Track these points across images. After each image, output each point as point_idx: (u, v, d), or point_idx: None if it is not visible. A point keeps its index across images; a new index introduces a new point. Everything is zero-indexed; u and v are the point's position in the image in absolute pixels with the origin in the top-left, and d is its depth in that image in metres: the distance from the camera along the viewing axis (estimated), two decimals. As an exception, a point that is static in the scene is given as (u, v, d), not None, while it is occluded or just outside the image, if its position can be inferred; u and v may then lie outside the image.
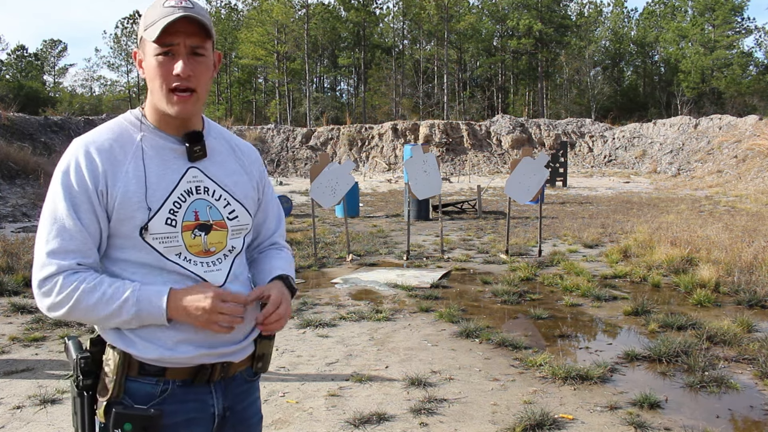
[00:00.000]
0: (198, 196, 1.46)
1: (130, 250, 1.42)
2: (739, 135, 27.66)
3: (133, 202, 1.39)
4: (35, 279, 1.38)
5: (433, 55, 56.67)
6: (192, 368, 1.44)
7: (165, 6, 1.38)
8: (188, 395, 1.44)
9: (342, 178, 8.78)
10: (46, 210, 1.39)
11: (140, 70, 1.46)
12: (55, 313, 1.38)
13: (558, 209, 16.34)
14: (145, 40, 1.41)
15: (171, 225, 1.42)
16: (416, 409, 3.68)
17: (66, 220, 1.37)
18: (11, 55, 61.00)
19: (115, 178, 1.39)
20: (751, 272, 7.20)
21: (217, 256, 1.48)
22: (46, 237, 1.37)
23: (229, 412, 1.51)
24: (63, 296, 1.35)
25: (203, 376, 1.45)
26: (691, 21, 55.62)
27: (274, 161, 32.41)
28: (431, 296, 6.61)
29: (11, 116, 21.35)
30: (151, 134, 1.45)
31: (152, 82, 1.41)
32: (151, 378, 1.41)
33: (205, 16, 1.42)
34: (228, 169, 1.53)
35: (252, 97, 61.57)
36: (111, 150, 1.41)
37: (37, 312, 5.96)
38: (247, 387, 1.58)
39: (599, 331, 5.50)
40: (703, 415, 3.64)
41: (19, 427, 3.49)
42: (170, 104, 1.41)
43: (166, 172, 1.44)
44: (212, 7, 63.24)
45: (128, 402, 1.39)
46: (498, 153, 33.92)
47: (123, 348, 1.40)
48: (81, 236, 1.37)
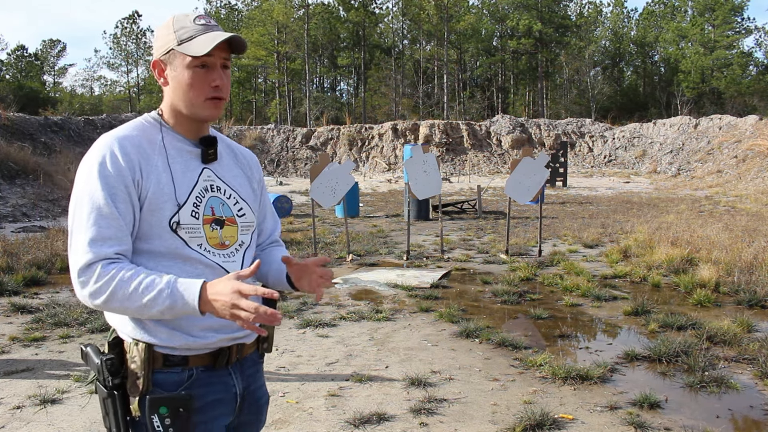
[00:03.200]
0: (212, 193, 1.59)
1: (156, 240, 1.50)
2: (739, 135, 27.66)
3: (165, 193, 1.50)
4: (75, 266, 1.41)
5: (433, 55, 56.66)
6: (212, 353, 1.54)
7: (197, 23, 1.55)
8: (212, 378, 1.54)
9: (342, 178, 8.78)
10: (83, 199, 1.44)
11: (161, 78, 1.58)
12: (95, 300, 1.41)
13: (558, 209, 16.33)
14: (178, 52, 1.53)
15: (195, 217, 1.54)
16: (416, 409, 3.68)
17: (105, 208, 1.43)
18: (11, 55, 61.00)
19: (148, 170, 1.50)
20: (751, 272, 7.20)
21: (231, 249, 1.60)
22: (85, 225, 1.42)
23: (246, 392, 1.63)
24: (101, 284, 1.40)
25: (223, 359, 1.56)
26: (691, 21, 55.61)
27: (274, 161, 32.40)
28: (431, 296, 6.61)
29: (11, 116, 21.34)
30: (169, 136, 1.58)
31: (186, 91, 1.54)
32: (176, 368, 1.50)
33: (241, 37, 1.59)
34: (233, 172, 1.68)
35: (252, 97, 61.56)
36: (141, 144, 1.52)
37: (37, 312, 5.96)
38: (257, 368, 1.71)
39: (599, 331, 5.50)
40: (703, 415, 3.64)
41: (19, 427, 3.49)
42: (207, 110, 1.56)
43: (186, 170, 1.56)
44: (212, 7, 63.25)
45: (159, 392, 1.47)
46: (498, 153, 33.92)
47: (147, 339, 1.47)
48: (118, 224, 1.44)
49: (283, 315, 5.88)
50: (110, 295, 1.39)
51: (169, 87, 1.57)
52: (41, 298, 6.66)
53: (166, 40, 1.55)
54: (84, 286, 1.41)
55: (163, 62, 1.56)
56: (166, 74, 1.56)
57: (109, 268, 1.40)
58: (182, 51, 1.52)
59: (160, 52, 1.56)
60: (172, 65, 1.55)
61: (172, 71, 1.55)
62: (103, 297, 1.40)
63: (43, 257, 8.19)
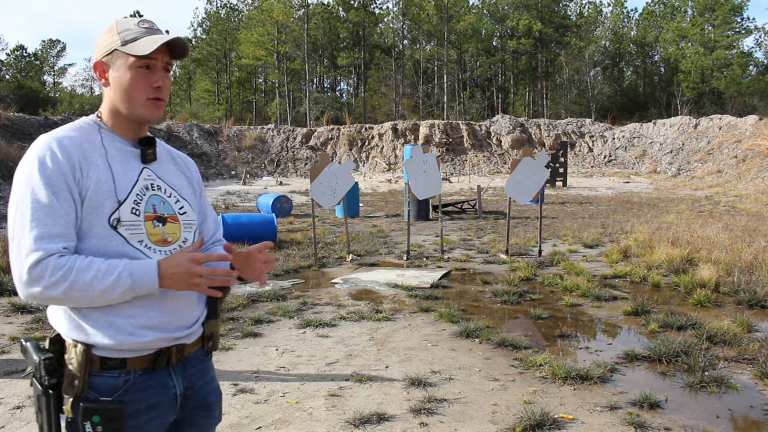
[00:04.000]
0: (153, 192, 1.62)
1: (94, 238, 1.51)
2: (739, 135, 27.66)
3: (104, 191, 1.52)
4: (24, 265, 1.42)
5: (433, 55, 56.64)
6: (151, 355, 1.55)
7: (140, 26, 1.60)
8: (149, 382, 1.55)
9: (342, 178, 8.78)
10: (25, 198, 1.45)
11: (102, 80, 1.61)
12: (51, 292, 1.42)
13: (558, 209, 16.33)
14: (121, 53, 1.57)
15: (135, 214, 1.56)
16: (416, 409, 3.68)
17: (49, 206, 1.44)
18: (10, 55, 61.01)
19: (88, 168, 1.52)
20: (751, 272, 7.19)
21: (173, 246, 1.63)
22: (29, 224, 1.43)
23: (190, 391, 1.65)
24: (59, 276, 1.41)
25: (162, 361, 1.57)
26: (690, 21, 55.59)
27: (274, 161, 32.40)
28: (431, 296, 6.61)
29: (11, 116, 21.33)
30: (109, 137, 1.61)
31: (128, 91, 1.58)
32: (113, 371, 1.51)
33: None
34: (172, 173, 1.73)
35: (252, 97, 61.53)
36: (81, 144, 1.55)
37: (37, 312, 5.96)
38: (203, 366, 1.72)
39: (599, 331, 5.50)
40: (703, 415, 3.64)
41: (19, 427, 3.49)
42: (148, 110, 1.60)
43: (126, 169, 1.59)
44: (212, 6, 63.24)
45: (93, 395, 1.48)
46: (498, 153, 33.92)
47: (84, 339, 1.49)
48: (64, 221, 1.46)
49: (283, 315, 5.88)
50: (70, 285, 1.42)
51: (110, 88, 1.60)
52: (41, 298, 6.65)
53: (109, 42, 1.59)
54: (37, 281, 1.41)
55: (105, 63, 1.59)
56: (108, 75, 1.60)
57: (62, 260, 1.42)
58: (126, 51, 1.56)
59: (102, 53, 1.59)
60: (114, 66, 1.58)
61: (114, 72, 1.58)
62: (63, 287, 1.42)
63: (43, 257, 8.19)
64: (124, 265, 1.47)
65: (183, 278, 1.50)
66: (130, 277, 1.46)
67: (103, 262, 1.46)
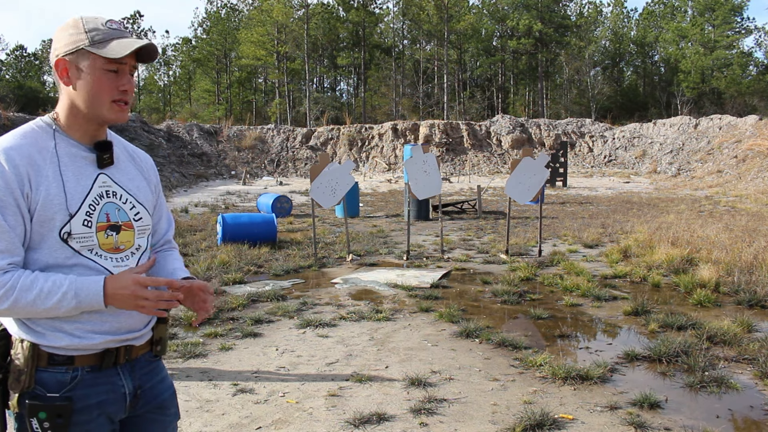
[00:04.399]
0: (108, 199, 1.60)
1: (45, 250, 1.50)
2: (739, 135, 27.66)
3: (54, 204, 1.49)
4: None
5: (432, 55, 56.64)
6: (98, 354, 1.56)
7: (109, 26, 1.55)
8: (98, 379, 1.56)
9: (342, 178, 8.78)
10: None
11: (63, 78, 1.55)
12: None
13: (558, 209, 16.34)
14: (89, 53, 1.53)
15: (87, 226, 1.54)
16: (416, 409, 3.68)
17: None
18: (10, 55, 61.02)
19: (38, 182, 1.48)
20: (751, 272, 7.19)
21: (125, 253, 1.62)
22: None
23: (140, 391, 1.66)
24: (1, 294, 1.41)
25: (109, 361, 1.57)
26: (690, 21, 55.58)
27: (274, 161, 32.39)
28: (431, 296, 6.61)
29: (11, 116, 21.33)
30: (63, 142, 1.56)
31: (95, 92, 1.54)
32: (60, 367, 1.50)
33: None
34: (130, 175, 1.69)
35: (252, 97, 61.53)
36: (30, 155, 1.50)
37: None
38: (153, 366, 1.73)
39: (599, 331, 5.50)
40: (703, 415, 3.64)
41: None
42: (113, 113, 1.57)
43: (80, 178, 1.55)
44: (213, 6, 63.25)
45: (41, 391, 1.48)
46: (498, 153, 33.92)
47: (33, 340, 1.48)
48: (9, 236, 1.44)
49: (283, 315, 5.88)
50: (13, 303, 1.42)
51: (72, 87, 1.55)
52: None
53: (74, 39, 1.53)
54: None
55: (69, 62, 1.54)
56: (71, 74, 1.55)
57: (5, 278, 1.41)
58: (94, 52, 1.52)
59: (66, 51, 1.54)
60: (79, 65, 1.54)
61: (79, 71, 1.54)
62: (6, 305, 1.42)
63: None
64: (69, 284, 1.46)
65: (129, 300, 1.51)
66: (75, 297, 1.46)
67: (46, 279, 1.45)
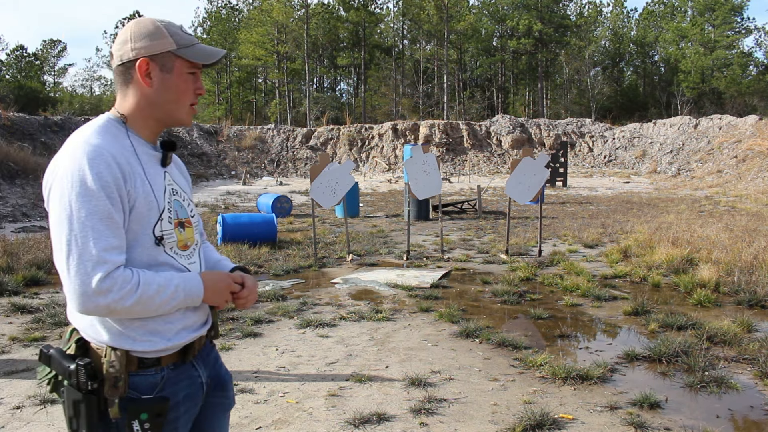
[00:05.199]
0: (174, 196, 1.63)
1: (138, 248, 1.51)
2: (739, 135, 27.65)
3: (149, 201, 1.51)
4: (90, 278, 1.38)
5: (433, 55, 56.61)
6: (180, 351, 1.59)
7: (186, 32, 1.62)
8: (180, 375, 1.59)
9: (342, 178, 8.78)
10: (82, 209, 1.40)
11: (143, 78, 1.56)
12: (117, 306, 1.41)
13: (558, 209, 16.34)
14: (175, 56, 1.57)
15: (170, 222, 1.57)
16: (416, 409, 3.68)
17: (108, 218, 1.43)
18: (11, 55, 60.96)
19: (133, 179, 1.49)
20: (751, 272, 7.19)
21: (191, 249, 1.66)
22: (91, 235, 1.40)
23: (210, 379, 1.72)
24: (128, 289, 1.41)
25: (190, 354, 1.62)
26: (690, 21, 55.57)
27: (274, 161, 32.38)
28: (431, 296, 6.61)
29: (11, 116, 21.34)
30: (136, 141, 1.58)
31: (177, 95, 1.59)
32: (149, 369, 1.53)
33: None
34: (177, 174, 1.74)
35: (252, 97, 61.51)
36: (122, 153, 1.51)
37: (37, 312, 5.96)
38: (213, 352, 1.79)
39: (599, 331, 5.50)
40: (703, 415, 3.64)
41: (19, 427, 3.49)
42: (188, 115, 1.64)
43: (156, 176, 1.58)
44: (213, 6, 63.21)
45: (135, 395, 1.50)
46: (498, 153, 33.92)
47: (128, 347, 1.49)
48: (121, 233, 1.46)
49: (283, 315, 5.89)
50: (138, 298, 1.43)
51: (150, 89, 1.56)
52: (41, 298, 6.66)
53: (160, 42, 1.55)
54: (105, 294, 1.39)
55: (152, 63, 1.55)
56: (153, 75, 1.56)
57: (128, 273, 1.43)
58: (182, 55, 1.57)
59: (151, 52, 1.55)
60: (164, 67, 1.56)
61: (163, 74, 1.56)
62: (132, 300, 1.42)
63: (43, 257, 8.19)
64: (178, 279, 1.51)
65: (223, 293, 1.59)
66: (183, 291, 1.51)
67: (158, 275, 1.49)
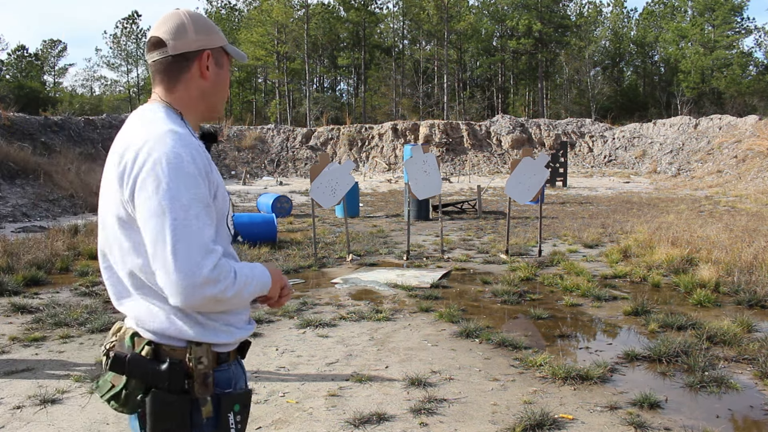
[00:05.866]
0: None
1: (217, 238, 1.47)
2: (739, 135, 27.65)
3: (223, 193, 1.50)
4: (201, 266, 1.32)
5: (432, 55, 56.61)
6: (239, 346, 1.58)
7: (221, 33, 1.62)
8: (239, 370, 1.58)
9: (342, 178, 8.78)
10: (183, 195, 1.35)
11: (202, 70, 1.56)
12: (224, 294, 1.36)
13: (558, 209, 16.33)
14: (224, 52, 1.60)
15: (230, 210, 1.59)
16: (416, 409, 3.68)
17: (209, 206, 1.40)
18: (11, 55, 60.93)
19: (213, 169, 1.48)
20: (751, 272, 7.19)
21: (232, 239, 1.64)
22: (198, 222, 1.35)
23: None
24: (231, 279, 1.37)
25: (246, 349, 1.62)
26: (690, 21, 55.56)
27: (274, 161, 32.38)
28: (431, 296, 6.61)
29: (11, 116, 21.34)
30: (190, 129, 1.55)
31: (222, 91, 1.61)
32: (224, 364, 1.51)
33: None
34: None
35: (252, 97, 61.50)
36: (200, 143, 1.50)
37: (37, 312, 5.96)
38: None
39: (599, 331, 5.50)
40: (703, 415, 3.64)
41: (19, 427, 3.49)
42: (223, 109, 1.67)
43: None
44: (212, 7, 63.22)
45: (219, 391, 1.47)
46: (498, 153, 33.91)
47: (212, 340, 1.46)
48: (215, 221, 1.44)
49: (283, 315, 5.89)
50: (237, 290, 1.39)
51: (207, 82, 1.56)
52: (41, 298, 6.66)
53: (217, 36, 1.57)
54: (214, 283, 1.34)
55: (212, 56, 1.56)
56: (210, 68, 1.56)
57: (227, 262, 1.39)
58: (230, 53, 1.61)
59: (213, 45, 1.56)
60: (218, 62, 1.58)
61: (217, 68, 1.58)
62: (232, 291, 1.38)
63: (43, 257, 8.19)
64: (254, 268, 1.49)
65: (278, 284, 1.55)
66: (260, 281, 1.48)
67: (241, 265, 1.46)
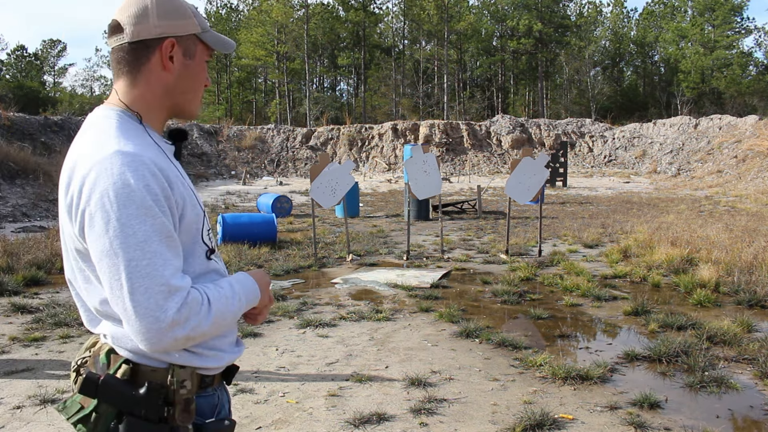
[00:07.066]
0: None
1: (190, 258, 1.32)
2: (739, 135, 27.65)
3: (193, 206, 1.32)
4: (164, 310, 1.17)
5: (433, 55, 56.61)
6: (224, 370, 1.43)
7: (203, 18, 1.40)
8: (224, 395, 1.45)
9: (342, 178, 8.78)
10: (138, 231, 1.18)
11: (164, 62, 1.34)
12: (195, 332, 1.21)
13: (558, 209, 16.33)
14: (198, 41, 1.38)
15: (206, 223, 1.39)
16: (416, 409, 3.68)
17: (168, 237, 1.22)
18: (11, 55, 60.95)
19: (176, 184, 1.28)
20: (751, 272, 7.19)
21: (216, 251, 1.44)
22: (156, 260, 1.18)
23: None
24: (204, 312, 1.22)
25: (231, 374, 1.47)
26: (690, 21, 55.56)
27: (274, 161, 32.38)
28: (431, 296, 6.61)
29: (11, 116, 21.34)
30: (154, 136, 1.35)
31: (194, 83, 1.39)
32: (208, 389, 1.37)
33: None
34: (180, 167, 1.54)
35: (252, 97, 61.50)
36: (156, 154, 1.28)
37: (37, 312, 5.96)
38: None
39: (599, 331, 5.50)
40: (703, 415, 3.64)
41: (19, 427, 3.49)
42: (198, 107, 1.43)
43: (183, 171, 1.37)
44: (213, 6, 63.21)
45: (200, 420, 1.33)
46: (498, 153, 33.92)
47: (197, 364, 1.32)
48: (180, 251, 1.26)
49: (283, 315, 5.89)
50: (213, 319, 1.24)
51: (170, 75, 1.34)
52: (41, 298, 6.66)
53: (186, 22, 1.34)
54: (183, 324, 1.19)
55: (178, 45, 1.34)
56: (176, 59, 1.34)
57: (197, 293, 1.23)
58: (206, 41, 1.39)
59: (179, 33, 1.33)
60: (187, 52, 1.36)
61: (185, 59, 1.36)
62: (207, 323, 1.23)
63: (43, 257, 8.19)
64: (235, 284, 1.33)
65: (266, 296, 1.40)
66: (244, 296, 1.33)
67: (218, 286, 1.30)
